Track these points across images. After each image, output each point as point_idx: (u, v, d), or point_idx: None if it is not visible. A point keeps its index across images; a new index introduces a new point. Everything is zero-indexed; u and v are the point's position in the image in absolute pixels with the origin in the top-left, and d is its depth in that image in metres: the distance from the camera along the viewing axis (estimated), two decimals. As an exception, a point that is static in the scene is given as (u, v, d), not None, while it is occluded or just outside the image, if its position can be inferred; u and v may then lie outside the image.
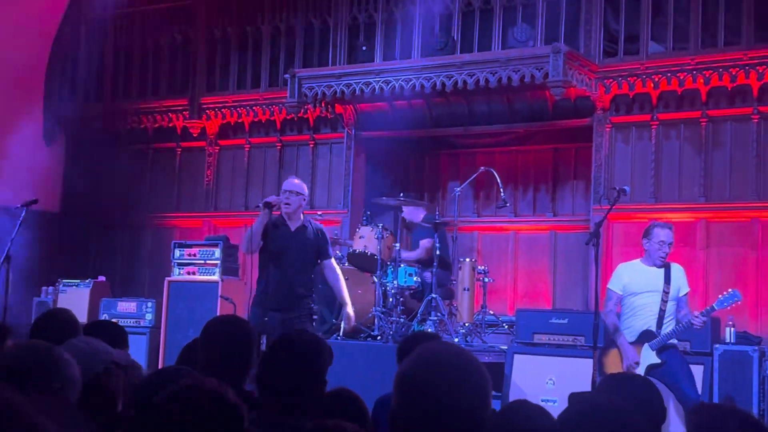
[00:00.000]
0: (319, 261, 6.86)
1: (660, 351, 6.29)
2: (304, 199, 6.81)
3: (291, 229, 6.67)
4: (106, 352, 2.96)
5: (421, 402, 2.01)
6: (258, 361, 3.04)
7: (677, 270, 6.49)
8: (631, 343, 6.33)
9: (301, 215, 6.75)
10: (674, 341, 6.35)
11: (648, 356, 6.29)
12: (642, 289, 6.41)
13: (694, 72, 8.85)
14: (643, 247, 6.59)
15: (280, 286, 6.51)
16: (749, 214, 8.68)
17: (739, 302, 6.38)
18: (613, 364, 6.34)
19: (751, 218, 8.66)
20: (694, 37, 8.94)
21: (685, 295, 6.49)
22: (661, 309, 6.33)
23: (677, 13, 9.09)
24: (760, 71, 8.57)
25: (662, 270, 6.43)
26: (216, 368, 3.12)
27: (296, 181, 6.95)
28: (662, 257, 6.43)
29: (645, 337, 6.33)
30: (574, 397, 2.84)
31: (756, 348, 7.31)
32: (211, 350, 3.33)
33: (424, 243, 9.07)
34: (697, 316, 6.21)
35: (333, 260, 6.98)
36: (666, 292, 6.35)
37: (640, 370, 6.19)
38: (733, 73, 8.68)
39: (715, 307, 6.36)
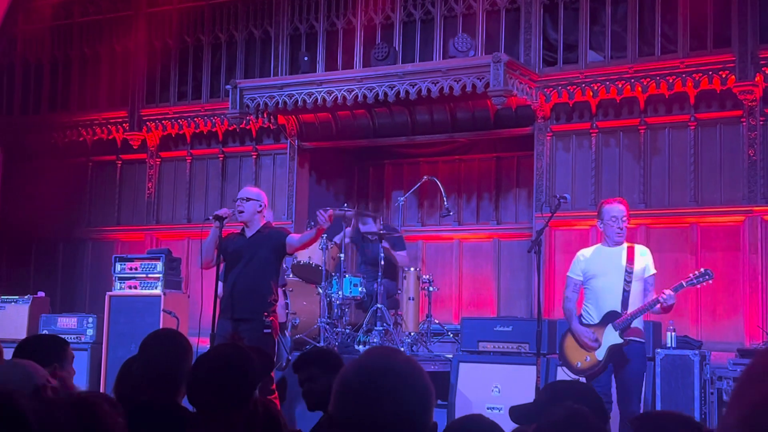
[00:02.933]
0: (288, 252, 6.53)
1: (625, 337, 5.96)
2: (260, 205, 6.52)
3: (247, 236, 6.51)
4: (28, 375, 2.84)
5: (360, 408, 1.92)
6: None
7: (642, 251, 6.19)
8: (595, 325, 6.04)
9: (260, 221, 6.52)
10: (641, 338, 6.05)
11: (611, 336, 5.98)
12: (602, 271, 6.10)
13: (632, 80, 8.98)
14: (599, 230, 6.31)
15: (231, 295, 6.35)
16: (688, 220, 8.82)
17: (710, 281, 6.06)
18: (571, 350, 6.14)
19: (690, 224, 8.80)
20: (632, 46, 9.08)
21: (651, 276, 6.15)
22: (624, 290, 6.00)
23: (614, 22, 9.22)
24: (696, 79, 8.72)
25: (624, 250, 6.12)
26: (152, 383, 3.07)
27: (249, 188, 6.86)
28: (618, 232, 6.12)
29: (609, 317, 6.02)
30: (517, 412, 2.82)
31: (697, 352, 7.40)
32: (148, 365, 3.28)
33: (403, 254, 9.12)
34: (664, 293, 5.88)
35: (291, 234, 6.61)
36: (629, 272, 6.01)
37: (602, 350, 5.98)
38: (670, 81, 8.82)
39: (684, 285, 6.03)
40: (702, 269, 6.07)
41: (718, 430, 1.25)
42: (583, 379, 5.85)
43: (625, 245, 6.16)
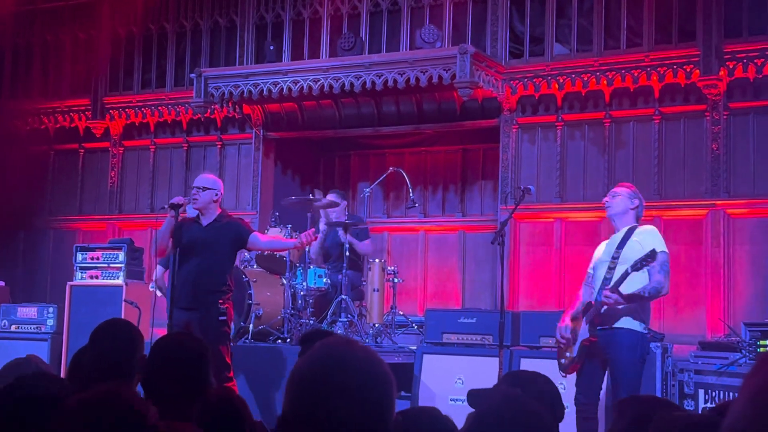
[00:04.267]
0: (247, 248, 6.56)
1: (599, 328, 5.53)
2: (216, 194, 6.44)
3: (203, 224, 6.42)
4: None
5: (314, 406, 1.77)
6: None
7: (641, 232, 5.63)
8: (575, 319, 5.66)
9: (216, 210, 6.44)
10: (628, 324, 5.50)
11: (584, 331, 5.58)
12: (600, 259, 5.74)
13: (598, 73, 9.01)
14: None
15: (185, 284, 6.24)
16: (651, 213, 8.82)
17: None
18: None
19: (653, 217, 8.83)
20: (598, 39, 9.10)
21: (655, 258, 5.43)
22: (605, 278, 5.52)
23: (581, 15, 9.24)
24: (661, 72, 8.76)
25: (622, 235, 5.64)
26: (104, 374, 3.03)
27: (206, 175, 6.75)
28: (606, 208, 5.82)
29: (585, 310, 5.62)
30: (475, 396, 2.79)
31: (659, 344, 7.43)
32: (98, 355, 3.23)
33: (367, 243, 9.02)
34: (606, 295, 5.40)
35: (257, 233, 6.60)
36: (614, 258, 5.52)
37: (576, 346, 5.60)
38: (635, 75, 8.85)
39: (630, 271, 5.40)
40: (648, 251, 5.39)
41: (729, 412, 1.42)
42: (568, 377, 5.68)
43: (626, 228, 5.68)
